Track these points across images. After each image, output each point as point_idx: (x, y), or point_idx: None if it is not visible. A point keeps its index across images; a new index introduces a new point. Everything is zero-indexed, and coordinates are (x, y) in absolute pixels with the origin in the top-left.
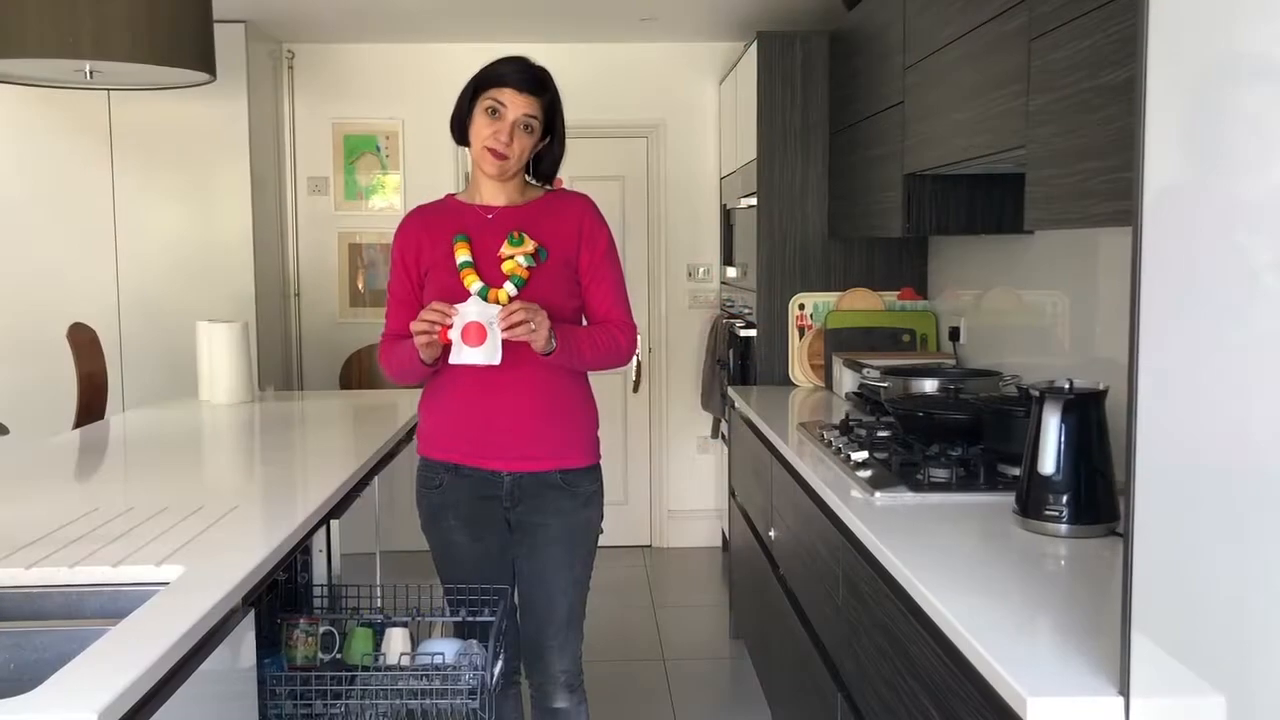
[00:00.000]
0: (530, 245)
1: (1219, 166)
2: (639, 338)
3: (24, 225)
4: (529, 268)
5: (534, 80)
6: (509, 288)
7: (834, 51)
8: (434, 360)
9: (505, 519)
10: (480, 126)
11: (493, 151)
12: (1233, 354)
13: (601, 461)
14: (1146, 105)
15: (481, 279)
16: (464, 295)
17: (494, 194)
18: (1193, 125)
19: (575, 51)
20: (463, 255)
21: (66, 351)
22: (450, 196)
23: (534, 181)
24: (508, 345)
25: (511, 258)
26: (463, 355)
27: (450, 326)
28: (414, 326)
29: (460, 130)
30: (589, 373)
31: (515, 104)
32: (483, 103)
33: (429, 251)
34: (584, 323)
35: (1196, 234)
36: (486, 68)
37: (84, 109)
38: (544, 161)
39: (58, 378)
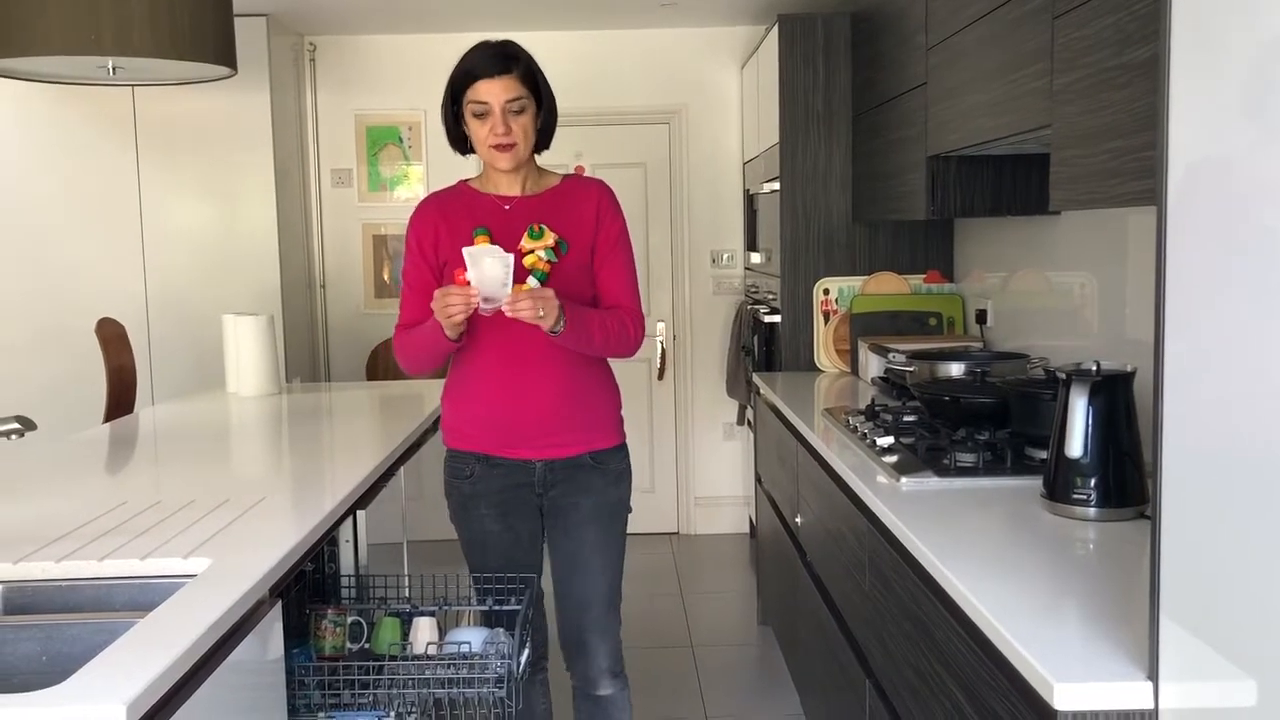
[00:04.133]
0: (550, 238)
1: (1245, 143)
2: (663, 325)
3: (51, 221)
4: (550, 261)
5: (500, 59)
6: (531, 282)
7: (856, 33)
8: (459, 336)
9: (537, 506)
10: (475, 130)
11: (498, 148)
12: (1261, 333)
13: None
14: (1170, 81)
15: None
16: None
17: (510, 184)
18: (1217, 101)
19: (596, 38)
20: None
21: (95, 346)
22: (464, 183)
23: (548, 169)
24: (526, 336)
25: (532, 251)
26: (485, 306)
27: (472, 300)
28: (443, 311)
29: (460, 143)
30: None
31: (494, 92)
32: (467, 109)
33: (447, 242)
34: None
35: (1222, 212)
36: (453, 72)
37: (109, 105)
38: (539, 133)
39: (87, 372)
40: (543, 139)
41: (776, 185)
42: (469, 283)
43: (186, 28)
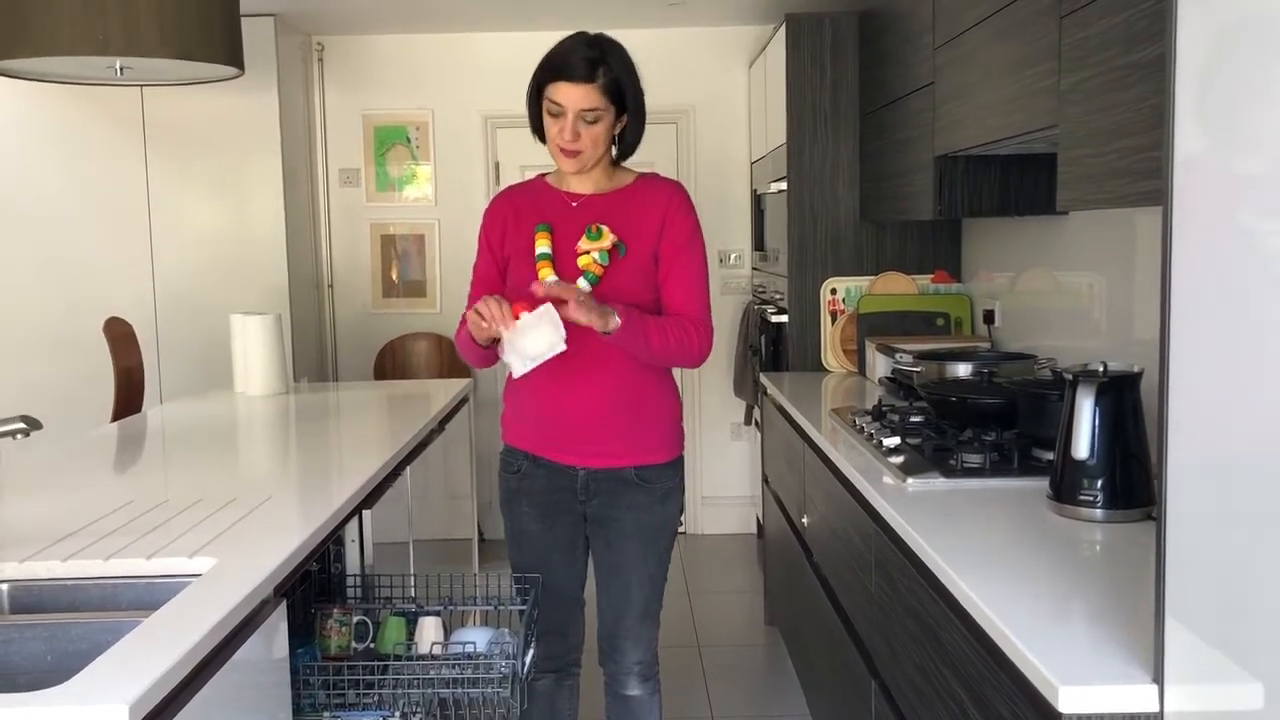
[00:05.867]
0: (608, 241)
1: (1251, 141)
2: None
3: (60, 221)
4: (603, 265)
5: (587, 65)
6: (582, 284)
7: (863, 32)
8: (489, 343)
9: (580, 512)
10: (548, 127)
11: (563, 151)
12: (1267, 335)
13: (684, 453)
14: (1176, 81)
15: (556, 273)
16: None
17: (580, 181)
18: (1223, 99)
19: None
20: (542, 246)
21: (104, 346)
22: (541, 178)
23: (627, 166)
24: (586, 340)
25: (587, 253)
26: (523, 364)
27: (510, 321)
28: (473, 318)
29: (540, 131)
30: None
31: (571, 98)
32: (544, 104)
33: (513, 238)
34: None
35: (1229, 213)
36: (543, 60)
37: (117, 105)
38: (623, 139)
39: (96, 372)
40: (627, 146)
41: (784, 185)
42: (519, 311)
43: (194, 28)
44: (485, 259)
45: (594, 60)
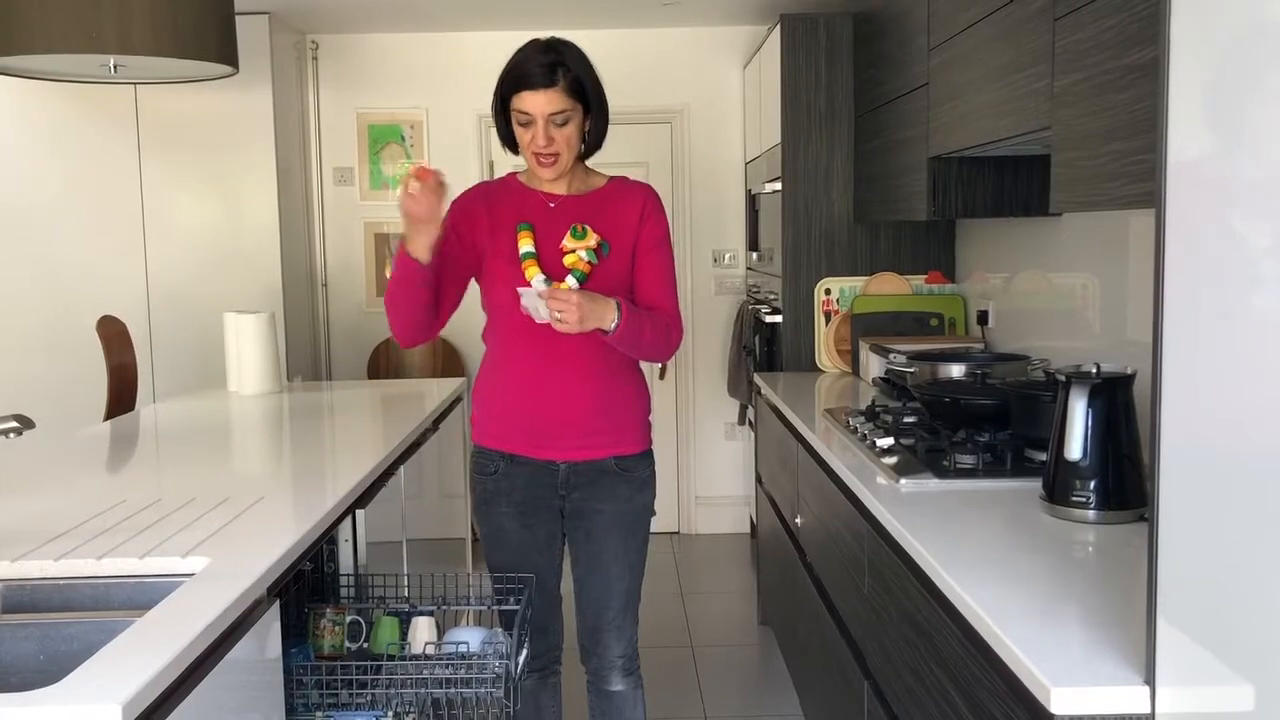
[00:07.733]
0: (593, 239)
1: (1244, 145)
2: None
3: (53, 219)
4: (590, 263)
5: (546, 71)
6: (570, 281)
7: (858, 33)
8: (428, 253)
9: (559, 507)
10: (520, 136)
11: (539, 157)
12: (1259, 336)
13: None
14: (1170, 84)
15: (543, 271)
16: (524, 284)
17: (555, 182)
18: (1217, 103)
19: (598, 38)
20: (526, 245)
21: (97, 344)
22: (513, 176)
23: (595, 170)
24: (560, 335)
25: (573, 251)
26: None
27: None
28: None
29: (510, 142)
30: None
31: (537, 104)
32: (512, 116)
33: (487, 232)
34: None
35: (1220, 214)
36: (502, 73)
37: (111, 103)
38: (589, 136)
39: (88, 370)
40: (593, 143)
41: (778, 185)
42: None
43: (188, 26)
44: (446, 236)
45: (552, 64)
